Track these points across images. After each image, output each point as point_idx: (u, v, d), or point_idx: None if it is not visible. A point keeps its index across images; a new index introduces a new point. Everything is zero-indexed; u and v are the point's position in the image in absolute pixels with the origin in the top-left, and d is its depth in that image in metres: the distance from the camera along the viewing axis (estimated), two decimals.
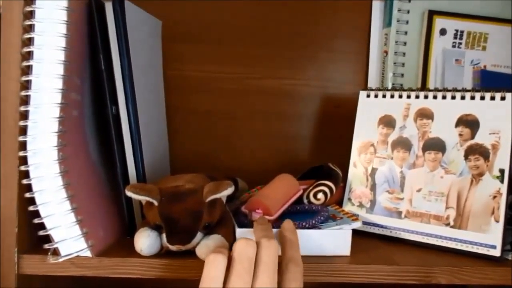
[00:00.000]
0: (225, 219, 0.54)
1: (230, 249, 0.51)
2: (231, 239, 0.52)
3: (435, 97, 0.65)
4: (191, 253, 0.50)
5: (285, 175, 0.64)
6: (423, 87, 0.78)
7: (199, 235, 0.49)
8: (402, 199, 0.64)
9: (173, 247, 0.49)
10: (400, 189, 0.65)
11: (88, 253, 0.50)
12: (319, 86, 0.83)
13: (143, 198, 0.49)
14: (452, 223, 0.60)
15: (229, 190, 0.51)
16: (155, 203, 0.49)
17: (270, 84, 0.83)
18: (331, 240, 0.55)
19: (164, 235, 0.49)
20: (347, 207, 0.68)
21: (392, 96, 0.68)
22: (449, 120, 0.63)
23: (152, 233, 0.50)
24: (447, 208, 0.61)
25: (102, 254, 0.52)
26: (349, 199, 0.68)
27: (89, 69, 0.57)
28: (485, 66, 0.78)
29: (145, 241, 0.49)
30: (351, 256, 0.56)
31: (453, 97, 0.63)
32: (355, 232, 0.65)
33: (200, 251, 0.49)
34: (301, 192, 0.63)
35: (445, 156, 0.62)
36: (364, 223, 0.65)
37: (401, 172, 0.65)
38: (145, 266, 0.50)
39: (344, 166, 0.70)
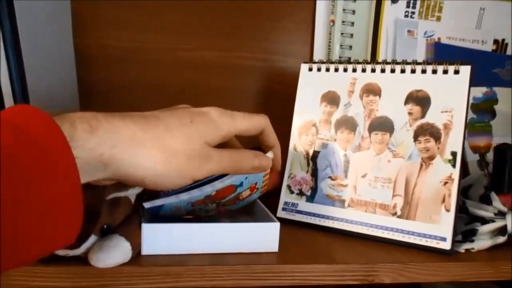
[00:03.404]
0: (131, 219, 0.45)
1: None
2: (136, 239, 0.43)
3: (383, 70, 0.57)
4: (83, 260, 0.40)
5: None
6: (373, 60, 0.70)
7: (92, 238, 0.40)
8: (345, 186, 0.57)
9: (59, 251, 0.40)
10: (343, 175, 0.57)
11: None
12: (260, 59, 0.75)
13: None
14: (399, 213, 0.53)
15: (137, 189, 0.42)
16: None
17: (205, 56, 0.73)
18: (256, 235, 0.48)
19: None
20: (286, 195, 0.60)
21: (336, 70, 0.60)
22: (398, 96, 0.56)
23: None
24: (394, 196, 0.54)
25: None
26: (288, 186, 0.60)
27: None
28: (439, 39, 0.72)
29: None
30: (286, 252, 0.48)
31: (403, 71, 0.56)
32: (295, 223, 0.58)
33: (92, 257, 0.39)
34: None
35: (393, 137, 0.55)
36: (305, 213, 0.58)
37: (345, 156, 0.58)
38: (25, 275, 0.41)
39: (285, 147, 0.62)
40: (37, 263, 0.41)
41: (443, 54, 0.71)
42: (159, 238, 0.45)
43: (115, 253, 0.39)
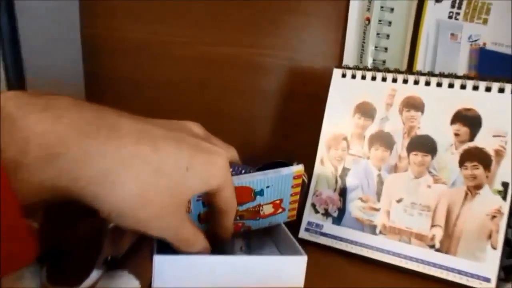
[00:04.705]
0: (139, 247, 0.40)
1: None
2: (146, 274, 0.38)
3: (427, 83, 0.51)
4: None
5: None
6: (410, 66, 0.64)
7: (95, 273, 0.35)
8: (378, 210, 0.51)
9: None
10: (376, 197, 0.52)
11: None
12: (284, 58, 0.68)
13: None
14: (438, 245, 0.48)
15: None
16: (34, 225, 0.34)
17: (225, 52, 0.67)
18: (280, 269, 0.42)
19: (45, 271, 0.35)
20: (310, 215, 0.55)
21: (373, 78, 0.54)
22: (444, 114, 0.50)
23: (27, 270, 0.35)
24: (433, 226, 0.48)
25: None
26: (313, 205, 0.55)
27: None
28: (484, 44, 0.65)
29: (15, 281, 0.34)
30: (311, 286, 0.43)
31: (451, 85, 0.50)
32: (318, 246, 0.53)
33: None
34: None
35: (435, 160, 0.49)
36: (330, 236, 0.53)
37: (378, 176, 0.52)
38: None
39: (310, 159, 0.57)
40: None
41: (488, 62, 0.64)
42: (172, 271, 0.39)
43: None
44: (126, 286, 0.35)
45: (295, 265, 0.43)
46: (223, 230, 0.41)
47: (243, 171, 0.44)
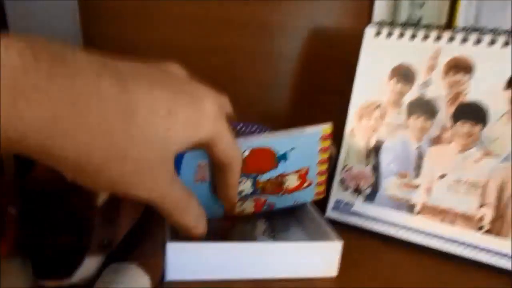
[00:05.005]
0: (148, 232, 0.34)
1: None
2: (157, 267, 0.33)
3: (478, 41, 0.44)
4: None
5: None
6: (450, 23, 0.56)
7: (91, 260, 0.30)
8: (417, 187, 0.45)
9: (47, 283, 0.30)
10: (414, 173, 0.46)
11: None
12: (305, 17, 0.61)
13: None
14: (487, 227, 0.42)
15: None
16: (12, 211, 0.29)
17: (238, 11, 0.60)
18: (311, 257, 0.37)
19: (29, 264, 0.30)
20: (338, 192, 0.49)
21: (413, 36, 0.47)
22: (497, 77, 0.43)
23: (14, 263, 0.30)
24: (482, 205, 0.42)
25: None
26: (342, 181, 0.49)
27: None
28: None
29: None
30: (345, 275, 0.38)
31: (506, 43, 0.43)
32: (347, 227, 0.47)
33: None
34: None
35: (485, 130, 0.43)
36: (361, 215, 0.47)
37: (418, 149, 0.46)
38: None
39: (338, 131, 0.50)
40: None
41: None
42: (188, 261, 0.35)
43: None
44: (135, 283, 0.30)
45: (328, 252, 0.37)
46: (227, 190, 0.33)
47: (266, 131, 0.39)
